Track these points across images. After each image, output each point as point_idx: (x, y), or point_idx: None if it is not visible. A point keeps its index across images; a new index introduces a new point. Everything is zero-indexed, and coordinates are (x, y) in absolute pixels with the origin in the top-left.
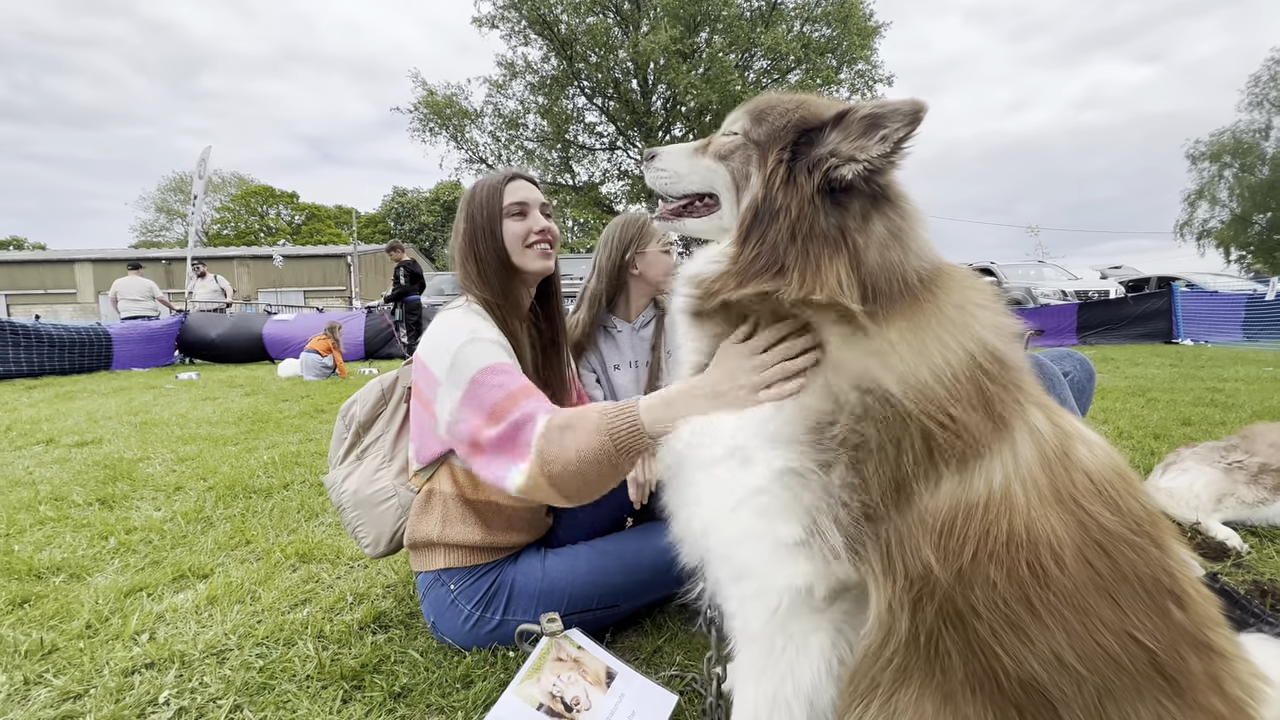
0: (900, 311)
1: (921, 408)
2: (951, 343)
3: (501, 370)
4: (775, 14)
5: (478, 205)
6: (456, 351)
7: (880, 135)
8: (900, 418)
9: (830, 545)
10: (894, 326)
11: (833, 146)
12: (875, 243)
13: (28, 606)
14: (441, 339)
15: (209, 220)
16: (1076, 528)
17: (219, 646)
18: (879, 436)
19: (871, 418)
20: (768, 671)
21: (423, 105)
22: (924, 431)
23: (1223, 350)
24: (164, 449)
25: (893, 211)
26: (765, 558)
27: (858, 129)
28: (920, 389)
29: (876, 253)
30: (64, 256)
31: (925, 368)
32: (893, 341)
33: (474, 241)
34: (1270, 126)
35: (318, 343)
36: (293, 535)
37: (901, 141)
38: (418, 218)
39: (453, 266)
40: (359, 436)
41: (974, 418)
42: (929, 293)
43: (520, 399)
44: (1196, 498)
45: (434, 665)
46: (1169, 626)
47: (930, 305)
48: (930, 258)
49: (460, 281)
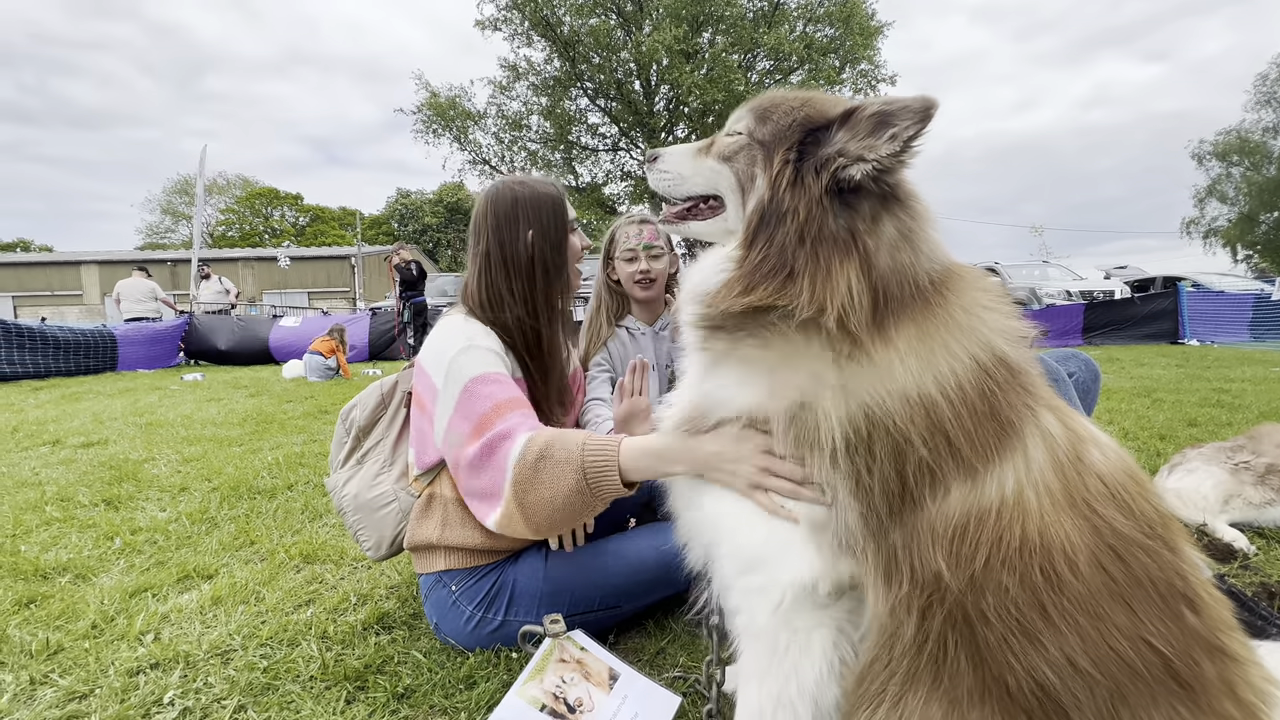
0: (910, 317)
1: (926, 421)
2: (959, 350)
3: (492, 380)
4: (778, 14)
5: (548, 215)
6: (451, 360)
7: (889, 134)
8: (904, 432)
9: (836, 541)
10: (903, 335)
11: (840, 146)
12: (886, 245)
13: (34, 606)
14: (440, 345)
15: (214, 222)
16: (1090, 532)
17: (223, 647)
18: (882, 450)
19: (874, 434)
20: (772, 670)
21: (426, 107)
22: (928, 443)
23: (1229, 350)
24: (169, 450)
25: (903, 212)
26: (774, 548)
27: (866, 127)
28: (925, 402)
29: (888, 255)
30: (70, 258)
31: (930, 379)
32: (900, 352)
33: (545, 253)
34: (1278, 125)
35: (321, 344)
36: (297, 536)
37: (911, 140)
38: (421, 219)
39: (473, 273)
40: (359, 441)
41: (981, 426)
42: (939, 295)
43: (505, 411)
44: (1204, 499)
45: (437, 666)
46: (1182, 631)
47: (940, 310)
48: (940, 258)
49: (483, 291)
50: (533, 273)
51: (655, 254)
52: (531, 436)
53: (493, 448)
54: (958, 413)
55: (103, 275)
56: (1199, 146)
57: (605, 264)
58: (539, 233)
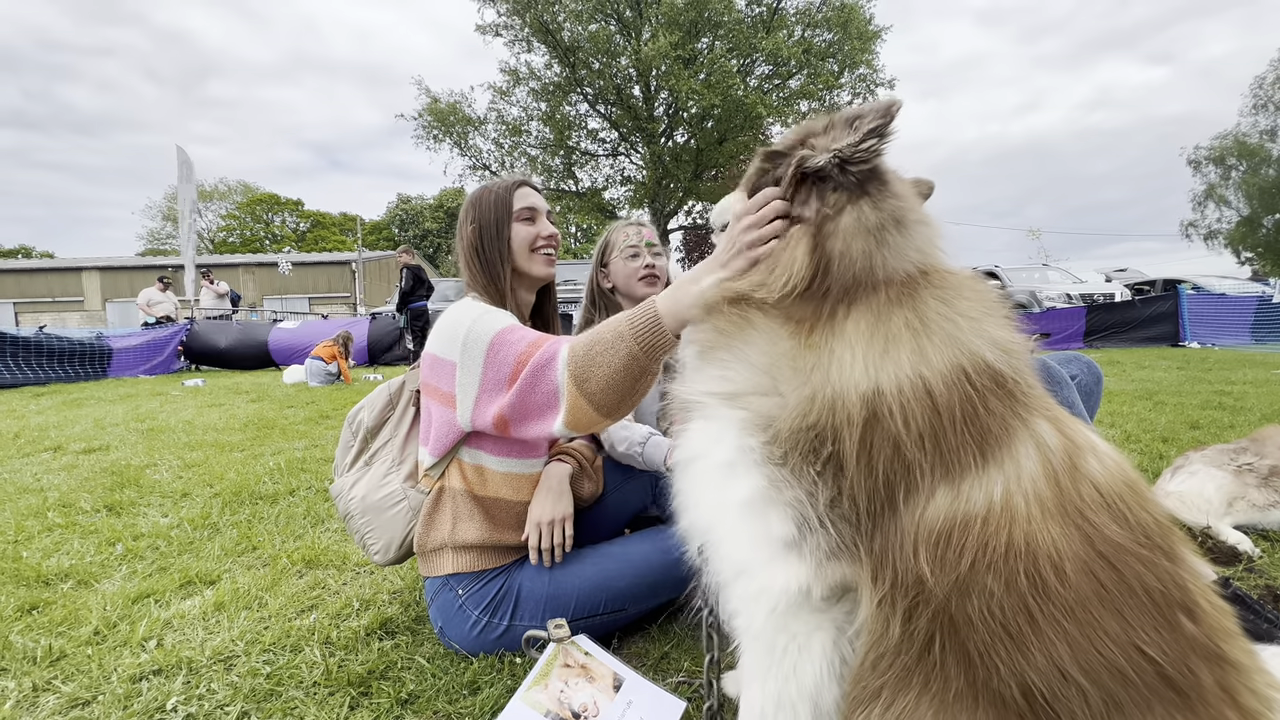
0: (866, 308)
1: (886, 420)
2: (932, 355)
3: (516, 329)
4: (776, 19)
5: (486, 207)
6: (467, 331)
7: (853, 126)
8: (864, 428)
9: (820, 547)
10: (853, 323)
11: (813, 142)
12: (842, 230)
13: (36, 613)
14: (449, 328)
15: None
16: (1081, 540)
17: (226, 653)
18: (847, 445)
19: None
20: (772, 671)
21: (426, 113)
22: (894, 445)
23: (1230, 353)
24: (170, 455)
25: (870, 206)
26: (762, 557)
27: (840, 127)
28: (884, 399)
29: (841, 240)
30: (71, 264)
31: (889, 376)
32: (849, 341)
33: (480, 243)
34: (1277, 127)
35: (323, 349)
36: (299, 541)
37: (873, 132)
38: (421, 224)
39: (460, 269)
40: (366, 442)
41: (959, 431)
42: (910, 298)
43: (540, 343)
44: (1207, 501)
45: (441, 671)
46: (1178, 639)
47: (906, 312)
48: (915, 258)
49: (465, 282)
50: (474, 260)
51: (657, 252)
52: (575, 340)
53: (541, 366)
54: (924, 416)
55: (104, 281)
56: (1195, 152)
57: (598, 269)
58: (478, 223)
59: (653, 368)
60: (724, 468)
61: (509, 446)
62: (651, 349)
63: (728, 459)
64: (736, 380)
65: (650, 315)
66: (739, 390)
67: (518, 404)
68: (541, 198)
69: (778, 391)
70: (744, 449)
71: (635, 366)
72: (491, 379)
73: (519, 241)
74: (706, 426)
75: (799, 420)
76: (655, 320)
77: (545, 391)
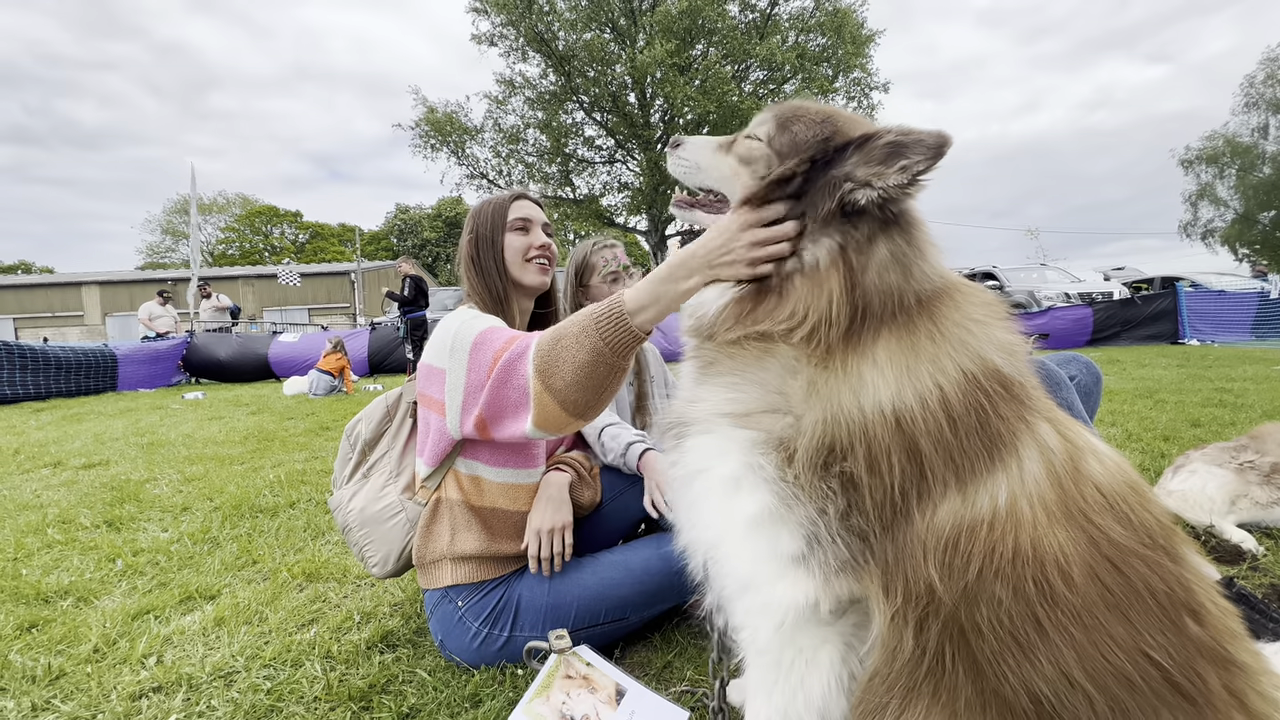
0: (891, 332)
1: (906, 433)
2: (946, 363)
3: (498, 328)
4: (770, 25)
5: (483, 218)
6: (455, 335)
7: (900, 164)
8: (883, 444)
9: (829, 561)
10: (881, 348)
11: (850, 169)
12: (875, 265)
13: (35, 631)
14: (441, 337)
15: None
16: (1086, 543)
17: (226, 669)
18: (863, 462)
19: (854, 445)
20: (779, 685)
21: (424, 122)
22: (911, 455)
23: (1230, 350)
24: (170, 469)
25: (901, 237)
26: (769, 572)
27: (879, 154)
28: (907, 413)
29: (875, 275)
30: (71, 279)
31: (911, 391)
32: (877, 364)
33: (477, 253)
34: (1269, 125)
35: (327, 362)
36: (299, 554)
37: (921, 174)
38: (420, 234)
39: (460, 279)
40: (365, 454)
41: (969, 438)
42: (927, 313)
43: (514, 340)
44: (1210, 500)
45: (442, 684)
46: (1184, 642)
47: (926, 325)
48: (935, 280)
49: (465, 292)
50: (471, 270)
51: (632, 274)
52: (543, 335)
53: (513, 361)
54: (941, 425)
55: (104, 296)
56: (1186, 153)
57: (577, 289)
58: (474, 234)
59: (620, 364)
60: (729, 483)
61: (505, 456)
62: (617, 345)
63: (733, 474)
64: (748, 402)
65: (616, 310)
66: (750, 410)
67: (491, 402)
68: (538, 209)
69: (790, 411)
70: (752, 466)
71: (601, 363)
72: (474, 381)
73: (512, 251)
74: (708, 442)
75: (818, 440)
76: (621, 316)
77: (517, 387)
